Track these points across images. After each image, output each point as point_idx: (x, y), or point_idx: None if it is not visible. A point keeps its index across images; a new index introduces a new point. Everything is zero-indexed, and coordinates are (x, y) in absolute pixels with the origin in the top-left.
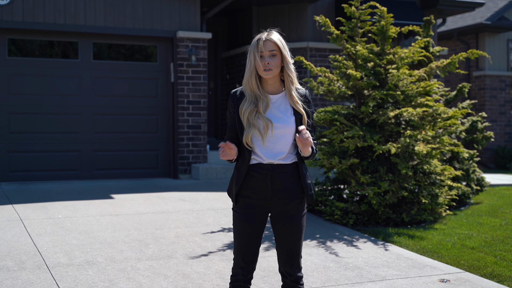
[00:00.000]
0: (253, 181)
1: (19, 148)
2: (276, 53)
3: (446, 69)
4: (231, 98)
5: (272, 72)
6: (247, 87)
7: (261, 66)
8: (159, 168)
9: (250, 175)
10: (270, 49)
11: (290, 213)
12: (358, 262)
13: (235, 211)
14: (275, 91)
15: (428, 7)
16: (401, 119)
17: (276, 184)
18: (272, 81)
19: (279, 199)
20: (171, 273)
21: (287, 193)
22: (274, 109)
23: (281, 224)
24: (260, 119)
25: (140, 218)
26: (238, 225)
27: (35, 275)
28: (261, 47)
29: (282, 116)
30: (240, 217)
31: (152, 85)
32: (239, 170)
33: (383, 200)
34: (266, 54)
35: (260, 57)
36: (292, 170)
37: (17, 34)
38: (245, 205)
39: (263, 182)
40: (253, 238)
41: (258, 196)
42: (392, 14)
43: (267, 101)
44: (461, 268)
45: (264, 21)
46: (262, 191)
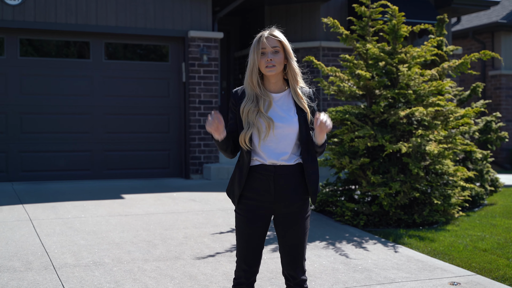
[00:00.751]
0: (256, 182)
1: (30, 148)
2: (279, 50)
3: (458, 69)
4: (233, 97)
5: (275, 69)
6: (248, 86)
7: (263, 63)
8: (170, 168)
9: (253, 176)
10: (273, 45)
11: (294, 215)
12: (368, 264)
13: (237, 213)
14: (278, 89)
15: (442, 6)
16: (412, 119)
17: (279, 186)
18: (275, 79)
19: (282, 200)
20: (178, 274)
21: (290, 195)
22: (277, 108)
23: (284, 226)
24: (262, 118)
25: (149, 218)
26: (241, 227)
27: (41, 275)
28: (264, 43)
29: (285, 115)
30: (243, 219)
31: (163, 85)
32: (241, 170)
33: (394, 201)
34: (268, 50)
35: (262, 54)
36: (296, 171)
37: (29, 34)
38: (248, 206)
39: (266, 183)
40: (256, 241)
41: (261, 197)
42: (403, 13)
43: (269, 100)
44: (473, 270)
45: (276, 20)
46: (265, 193)
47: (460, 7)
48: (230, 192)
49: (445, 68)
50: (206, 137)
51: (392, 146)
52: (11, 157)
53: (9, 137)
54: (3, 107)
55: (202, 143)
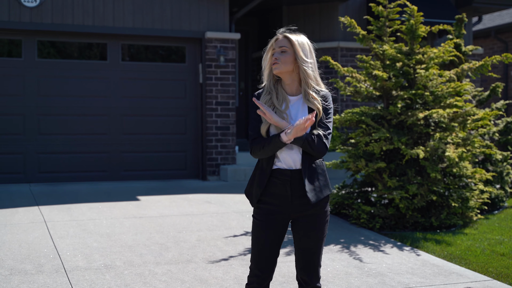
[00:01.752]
0: (274, 187)
1: (48, 149)
2: (287, 50)
3: (478, 71)
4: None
5: (278, 66)
6: (268, 82)
7: (271, 61)
8: (187, 169)
9: (270, 181)
10: (281, 45)
11: (311, 218)
12: (382, 269)
13: (255, 218)
14: (293, 92)
15: (463, 5)
16: (430, 121)
17: (296, 190)
18: (289, 81)
19: (300, 205)
20: (189, 278)
21: (307, 200)
22: (292, 111)
23: (300, 230)
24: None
25: (164, 220)
26: (257, 232)
27: (52, 279)
28: (275, 44)
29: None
30: (260, 224)
31: (180, 86)
32: (263, 173)
33: (411, 203)
34: (277, 50)
35: (272, 54)
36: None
37: (46, 36)
38: (266, 211)
39: (283, 188)
40: (271, 247)
41: (279, 202)
42: (422, 13)
43: (286, 102)
44: (489, 276)
45: (294, 21)
46: (283, 198)
47: (481, 6)
48: (249, 194)
49: (464, 70)
50: (223, 138)
51: (410, 151)
52: (28, 159)
53: (26, 138)
54: (20, 109)
55: (219, 144)
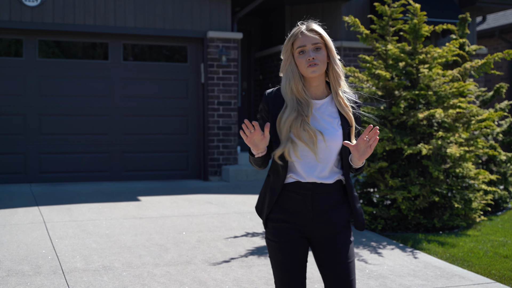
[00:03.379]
0: (290, 203)
1: (49, 149)
2: (321, 46)
3: (481, 69)
4: (265, 101)
5: (318, 68)
6: (288, 92)
7: (304, 62)
8: (189, 170)
9: (286, 195)
10: (314, 41)
11: (335, 240)
12: (383, 271)
13: (269, 240)
14: (319, 95)
15: (466, 5)
16: (433, 121)
17: (318, 207)
18: (317, 82)
19: (322, 224)
20: (187, 280)
21: (331, 217)
22: (318, 117)
23: (324, 254)
24: (308, 128)
25: (164, 221)
26: (276, 256)
27: (49, 280)
28: (303, 40)
29: (328, 127)
30: (276, 246)
31: (182, 86)
32: (272, 189)
33: (413, 205)
34: (309, 47)
35: (301, 52)
36: (336, 190)
37: (47, 35)
38: (281, 232)
39: (302, 204)
40: (296, 271)
41: (296, 220)
42: (425, 12)
43: (310, 107)
44: (492, 278)
45: (297, 20)
46: (301, 215)
47: (485, 5)
48: (259, 210)
49: (467, 69)
50: (225, 138)
51: (411, 148)
52: (29, 159)
53: (27, 138)
54: (21, 109)
55: (221, 144)
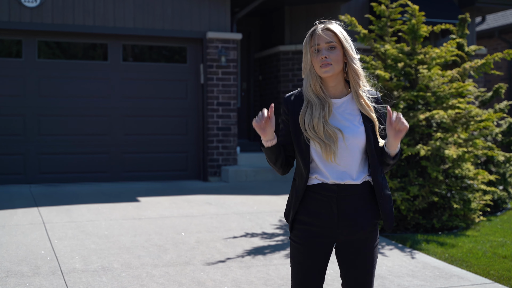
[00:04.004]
0: (315, 204)
1: (48, 150)
2: (336, 45)
3: (480, 70)
4: (285, 104)
5: (332, 68)
6: (309, 91)
7: (317, 61)
8: (188, 170)
9: (310, 197)
10: (328, 40)
11: (360, 243)
12: (382, 271)
13: (292, 241)
14: (338, 94)
15: (466, 5)
16: (432, 121)
17: (343, 209)
18: (334, 82)
19: (347, 226)
20: (186, 280)
21: (356, 219)
22: (338, 116)
23: (348, 258)
24: (327, 128)
25: (163, 222)
26: (297, 257)
27: (48, 281)
28: (317, 39)
29: (350, 124)
30: (299, 248)
31: (181, 87)
32: (297, 191)
33: (412, 205)
34: (323, 46)
35: (316, 51)
36: (363, 191)
37: (47, 36)
38: (305, 233)
39: (327, 206)
40: (316, 274)
41: (322, 222)
42: (423, 13)
43: (329, 106)
44: (491, 278)
45: (296, 21)
46: (327, 217)
47: (485, 6)
48: (287, 217)
49: (466, 69)
50: (225, 139)
51: (410, 149)
52: (29, 159)
53: (27, 139)
54: (21, 109)
55: (220, 145)
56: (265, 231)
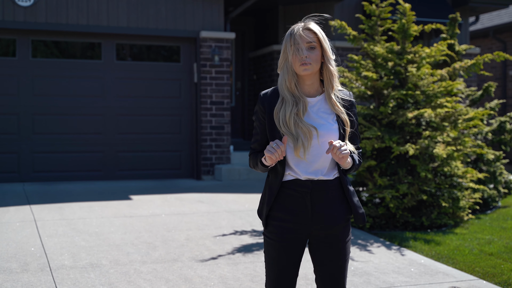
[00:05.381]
0: (289, 200)
1: (42, 148)
2: (316, 46)
3: (470, 70)
4: (260, 101)
5: (311, 67)
6: (284, 88)
7: (297, 60)
8: (182, 169)
9: (285, 193)
10: (308, 40)
11: (333, 238)
12: (368, 268)
13: (266, 237)
14: (313, 92)
15: (459, 4)
16: (421, 120)
17: (316, 204)
18: (311, 81)
19: (321, 221)
20: (173, 277)
21: (330, 214)
22: (313, 115)
23: (322, 252)
24: (301, 125)
25: (154, 220)
26: (271, 253)
27: (37, 277)
28: (297, 38)
29: (324, 122)
30: (273, 244)
31: (175, 86)
32: (271, 187)
33: (401, 203)
34: (303, 46)
35: (296, 50)
36: (335, 187)
37: (40, 35)
38: (279, 229)
39: (301, 201)
40: (290, 269)
41: (296, 218)
42: (414, 12)
43: (304, 104)
44: (475, 275)
45: (290, 21)
46: (300, 213)
47: (478, 5)
48: (260, 212)
49: (456, 69)
50: (218, 138)
51: (399, 148)
52: (23, 158)
53: (21, 138)
54: (15, 108)
55: (214, 144)
56: (255, 229)
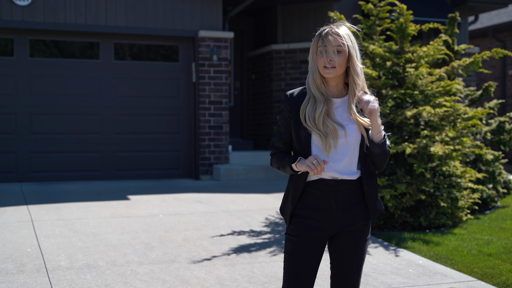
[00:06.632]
0: (313, 199)
1: (40, 148)
2: (342, 50)
3: (469, 68)
4: (287, 101)
5: (334, 71)
6: (313, 86)
7: (324, 62)
8: (180, 169)
9: (309, 192)
10: (335, 44)
11: (353, 236)
12: (366, 269)
13: (289, 234)
14: (338, 94)
15: (458, 4)
16: (420, 120)
17: (340, 203)
18: (335, 82)
19: (343, 220)
20: (170, 278)
21: (353, 213)
22: (338, 115)
23: (341, 249)
24: (329, 124)
25: (152, 220)
26: (293, 250)
27: (32, 278)
28: (325, 40)
29: (348, 123)
30: (295, 241)
31: (173, 85)
32: (295, 186)
33: (399, 203)
34: (330, 49)
35: (322, 52)
36: (358, 186)
37: (38, 34)
38: (302, 226)
39: (325, 200)
40: (310, 267)
41: (320, 216)
42: (411, 11)
43: (330, 105)
44: (474, 276)
45: (289, 20)
46: (325, 211)
47: (477, 5)
48: (283, 210)
49: (454, 67)
50: (216, 137)
51: (396, 147)
52: (20, 158)
53: (18, 137)
54: (12, 108)
55: (212, 143)
56: (253, 229)
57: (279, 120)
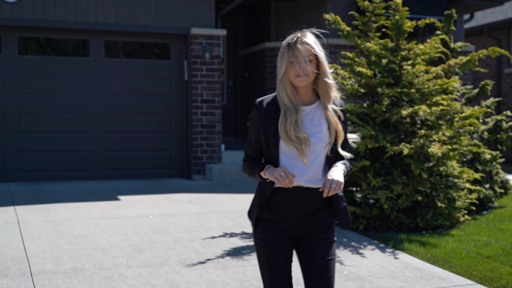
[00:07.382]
0: (278, 204)
1: (29, 148)
2: (312, 58)
3: (465, 66)
4: (256, 109)
5: (306, 79)
6: (284, 97)
7: (296, 71)
8: (172, 168)
9: (275, 198)
10: (305, 54)
11: (317, 238)
12: (362, 272)
13: (257, 239)
14: (306, 101)
15: (454, 2)
16: (416, 119)
17: (305, 209)
18: (304, 90)
19: (307, 224)
20: (159, 282)
21: (316, 219)
22: (306, 123)
23: (308, 253)
24: (296, 133)
25: (142, 221)
26: (263, 255)
27: (16, 283)
28: (295, 51)
29: (316, 131)
30: (263, 244)
31: (165, 84)
32: (262, 191)
33: (396, 204)
34: (301, 59)
35: (293, 63)
36: (322, 193)
37: (27, 32)
38: (268, 231)
39: (290, 206)
40: (283, 267)
41: (284, 220)
42: (407, 8)
43: (299, 112)
44: (473, 279)
45: (283, 18)
46: (289, 216)
47: (472, 2)
48: (250, 214)
49: (451, 66)
50: (209, 136)
51: (393, 147)
52: (9, 157)
53: (6, 137)
54: (0, 106)
55: (204, 143)
56: (245, 231)
57: (249, 127)
